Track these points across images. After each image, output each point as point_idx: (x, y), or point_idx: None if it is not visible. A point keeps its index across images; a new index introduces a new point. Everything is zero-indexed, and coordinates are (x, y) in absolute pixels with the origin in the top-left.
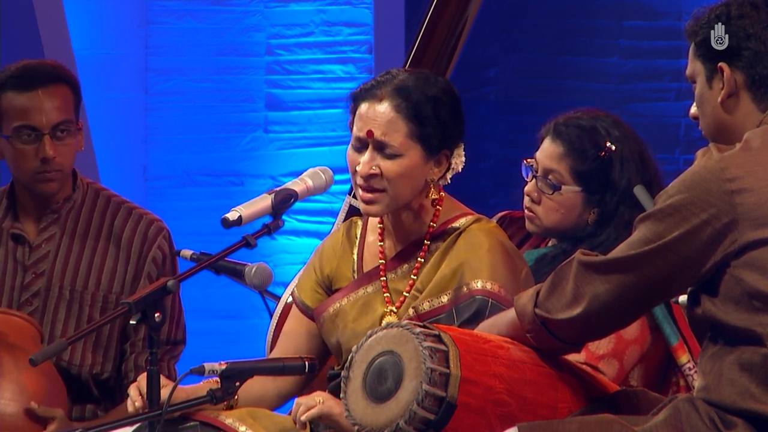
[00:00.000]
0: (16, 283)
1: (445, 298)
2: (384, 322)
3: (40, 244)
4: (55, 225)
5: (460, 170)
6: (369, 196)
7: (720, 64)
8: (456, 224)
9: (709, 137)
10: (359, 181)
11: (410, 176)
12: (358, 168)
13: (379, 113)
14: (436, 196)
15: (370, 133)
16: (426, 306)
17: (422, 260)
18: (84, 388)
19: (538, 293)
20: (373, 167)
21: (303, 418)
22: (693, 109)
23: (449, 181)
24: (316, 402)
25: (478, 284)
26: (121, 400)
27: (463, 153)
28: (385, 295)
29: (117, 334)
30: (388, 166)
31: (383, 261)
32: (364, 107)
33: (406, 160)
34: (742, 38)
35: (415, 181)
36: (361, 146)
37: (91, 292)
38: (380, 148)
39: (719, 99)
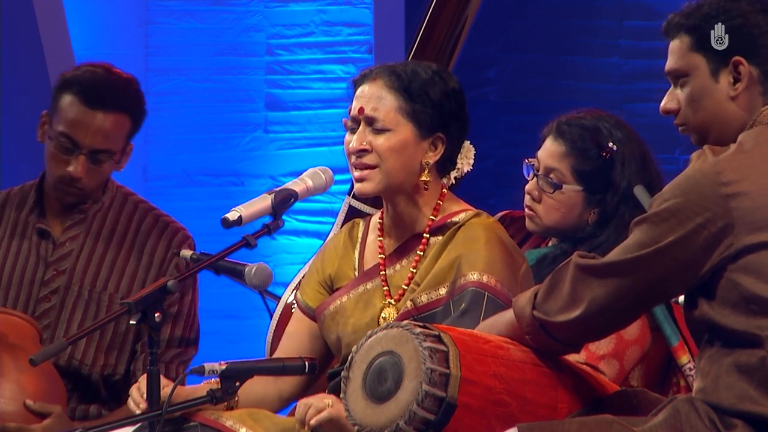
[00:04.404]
0: (36, 277)
1: (443, 291)
2: (383, 315)
3: (64, 241)
4: (81, 225)
5: (465, 172)
6: (361, 173)
7: (735, 57)
8: (456, 218)
9: (696, 133)
10: (352, 159)
11: (401, 152)
12: (350, 146)
13: (370, 91)
14: (428, 179)
15: (360, 110)
16: (424, 298)
17: (421, 254)
18: (92, 388)
19: (536, 295)
20: (364, 143)
21: (313, 422)
22: (671, 104)
23: (454, 181)
24: (326, 405)
25: (474, 276)
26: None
27: (472, 156)
28: (384, 289)
29: (132, 336)
30: (378, 141)
31: (383, 256)
32: (359, 90)
33: (397, 135)
34: (758, 34)
35: (407, 160)
36: (355, 125)
37: (110, 293)
38: (370, 122)
39: (733, 93)
